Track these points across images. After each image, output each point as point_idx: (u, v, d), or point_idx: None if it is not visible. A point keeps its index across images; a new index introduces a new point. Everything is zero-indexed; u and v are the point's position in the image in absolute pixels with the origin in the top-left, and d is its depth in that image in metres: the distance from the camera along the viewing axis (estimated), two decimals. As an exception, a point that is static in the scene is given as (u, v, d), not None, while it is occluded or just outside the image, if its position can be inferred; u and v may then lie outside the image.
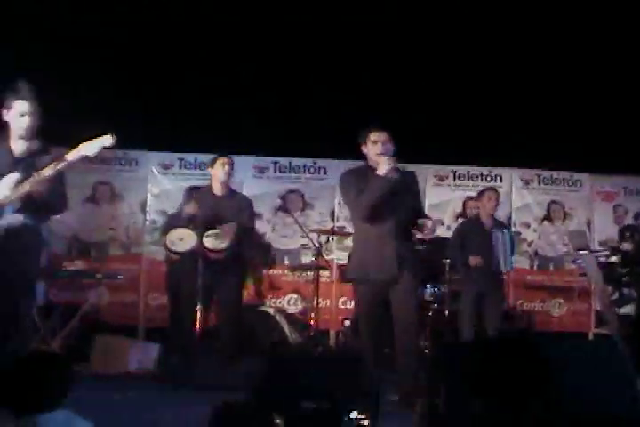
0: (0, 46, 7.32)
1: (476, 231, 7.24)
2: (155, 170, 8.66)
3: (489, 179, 9.14)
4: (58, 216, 8.10)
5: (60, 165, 4.68)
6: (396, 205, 5.22)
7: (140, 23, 7.90)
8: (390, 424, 4.13)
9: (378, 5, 7.85)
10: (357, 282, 5.41)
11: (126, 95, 8.10)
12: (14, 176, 4.74)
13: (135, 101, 8.15)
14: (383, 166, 5.11)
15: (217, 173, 6.59)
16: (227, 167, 6.55)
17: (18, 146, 4.89)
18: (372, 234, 5.26)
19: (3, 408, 2.84)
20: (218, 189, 6.62)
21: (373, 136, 5.28)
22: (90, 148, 4.75)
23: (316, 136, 8.27)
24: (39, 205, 4.85)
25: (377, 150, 5.23)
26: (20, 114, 4.82)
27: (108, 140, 4.78)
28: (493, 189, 7.51)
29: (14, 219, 4.76)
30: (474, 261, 7.06)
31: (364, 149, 5.37)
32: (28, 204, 4.79)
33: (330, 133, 8.22)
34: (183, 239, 6.26)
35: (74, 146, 4.76)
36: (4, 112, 4.89)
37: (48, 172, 4.67)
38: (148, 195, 8.60)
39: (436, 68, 8.35)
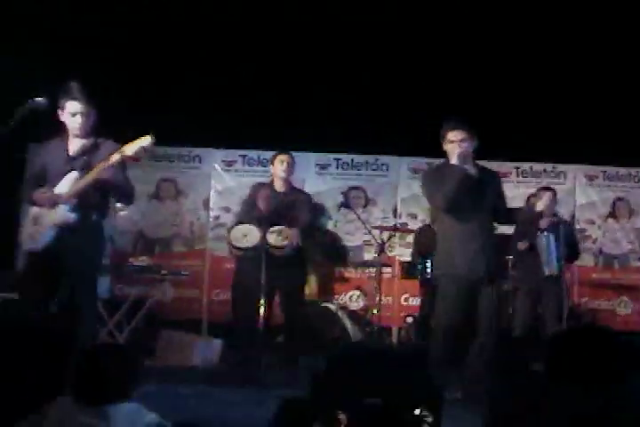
0: (58, 46, 7.47)
1: (527, 218, 7.16)
2: (218, 167, 8.74)
3: (552, 175, 9.03)
4: (124, 212, 8.40)
5: (105, 166, 4.77)
6: (478, 204, 5.22)
7: (207, 17, 7.96)
8: (453, 423, 4.11)
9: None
10: (443, 278, 5.37)
11: (190, 92, 8.19)
12: (73, 175, 4.87)
13: (199, 99, 8.23)
14: (454, 154, 5.15)
15: (276, 171, 6.68)
16: (285, 164, 6.62)
17: (73, 145, 5.01)
18: (458, 231, 5.25)
19: (73, 399, 2.91)
20: (279, 186, 6.69)
21: (450, 135, 5.27)
22: (130, 148, 4.82)
23: (378, 133, 8.26)
24: (105, 196, 5.02)
25: (455, 150, 5.22)
26: (71, 114, 4.93)
27: (147, 140, 4.83)
28: (550, 190, 7.38)
29: (68, 217, 4.85)
30: (522, 245, 7.01)
31: (445, 147, 5.36)
32: (87, 200, 4.89)
33: (392, 130, 8.21)
34: (247, 236, 6.30)
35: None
36: (60, 112, 4.99)
37: (100, 168, 4.78)
38: (212, 191, 8.68)
39: (504, 63, 8.26)
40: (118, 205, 8.25)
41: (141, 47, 7.99)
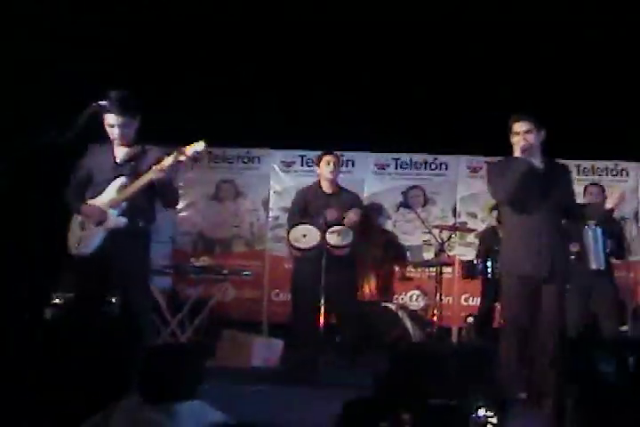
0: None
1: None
2: (277, 167, 8.78)
3: (614, 173, 8.88)
4: (184, 213, 8.49)
5: (163, 167, 4.80)
6: (544, 199, 5.09)
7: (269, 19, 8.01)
8: (518, 423, 4.07)
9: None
10: (507, 278, 5.26)
11: (249, 93, 8.24)
12: (120, 181, 4.93)
13: (257, 100, 8.27)
14: (518, 147, 5.05)
15: (323, 172, 6.62)
16: (331, 165, 6.57)
17: (119, 152, 5.05)
18: (522, 229, 5.14)
19: (140, 397, 2.95)
20: (326, 187, 6.65)
21: (515, 127, 5.15)
22: (184, 153, 4.83)
23: (436, 132, 8.22)
24: (151, 200, 5.05)
25: (520, 142, 5.09)
26: (109, 125, 4.95)
27: (200, 145, 4.86)
28: (596, 185, 7.26)
29: (118, 222, 4.91)
30: (573, 248, 6.89)
31: (511, 139, 5.22)
32: (135, 205, 4.95)
33: (450, 129, 8.16)
34: (306, 236, 6.32)
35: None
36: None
37: (150, 174, 4.82)
38: (271, 192, 8.72)
39: (565, 59, 8.16)
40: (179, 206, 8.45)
41: (190, 48, 8.05)
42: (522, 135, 5.08)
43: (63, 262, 5.63)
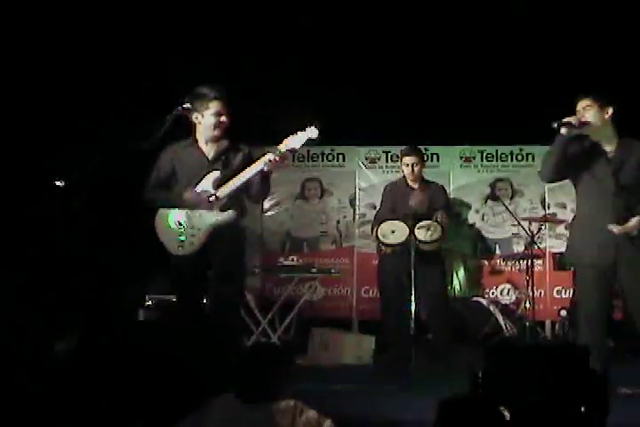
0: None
1: None
2: (362, 164, 8.75)
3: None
4: (270, 213, 8.54)
5: (273, 158, 4.76)
6: (613, 183, 4.88)
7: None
8: (622, 420, 3.97)
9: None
10: (574, 267, 5.19)
11: (331, 90, 8.23)
12: (215, 175, 4.90)
13: (339, 96, 8.25)
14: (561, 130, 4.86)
15: (405, 172, 6.75)
16: (410, 167, 6.68)
17: (208, 148, 5.01)
18: (587, 215, 4.99)
19: (236, 395, 2.97)
20: (412, 183, 6.73)
21: (577, 105, 5.00)
22: (295, 141, 4.82)
23: (520, 122, 8.07)
24: (250, 195, 5.03)
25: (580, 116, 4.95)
26: (214, 114, 4.92)
27: (313, 131, 4.83)
28: None
29: (227, 217, 4.89)
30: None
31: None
32: (232, 201, 4.94)
33: (534, 119, 8.00)
34: (395, 231, 6.29)
35: (279, 141, 4.86)
36: (194, 115, 4.97)
37: (260, 165, 4.79)
38: (357, 189, 8.70)
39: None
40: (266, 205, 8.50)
41: (270, 44, 8.08)
42: (581, 112, 4.94)
43: (157, 263, 5.64)
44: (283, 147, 4.81)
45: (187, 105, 4.86)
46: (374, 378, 5.99)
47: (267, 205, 8.61)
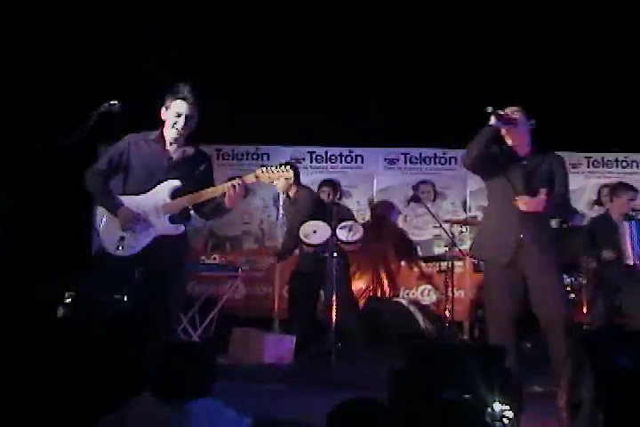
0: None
1: (606, 227, 7.02)
2: (288, 165, 8.75)
3: (624, 165, 8.85)
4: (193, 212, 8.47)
5: (237, 187, 4.65)
6: (525, 188, 5.00)
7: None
8: (533, 417, 4.06)
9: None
10: (482, 265, 5.32)
11: (260, 89, 8.23)
12: (174, 184, 4.70)
13: (266, 97, 8.26)
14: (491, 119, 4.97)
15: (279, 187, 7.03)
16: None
17: (172, 149, 4.78)
18: (495, 214, 5.14)
19: (153, 395, 2.94)
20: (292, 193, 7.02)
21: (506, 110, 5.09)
22: (268, 177, 4.75)
23: (445, 126, 8.19)
24: (202, 213, 4.89)
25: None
26: (176, 114, 4.69)
27: (289, 175, 4.77)
28: (630, 189, 7.21)
29: (173, 229, 4.71)
30: (606, 254, 6.84)
31: None
32: (186, 211, 4.81)
33: (459, 123, 8.12)
34: (316, 232, 6.32)
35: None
36: (163, 111, 4.77)
37: (222, 190, 4.66)
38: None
39: (575, 51, 8.13)
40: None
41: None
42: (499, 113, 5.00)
43: (82, 260, 5.52)
44: (252, 178, 4.73)
45: (114, 102, 4.69)
46: (294, 377, 5.99)
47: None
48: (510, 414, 3.64)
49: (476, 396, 3.61)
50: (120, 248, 4.69)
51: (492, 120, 4.96)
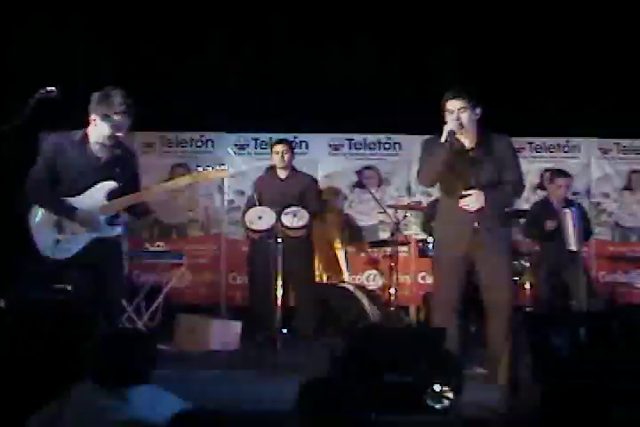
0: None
1: (547, 211, 7.17)
2: (230, 151, 8.69)
3: (566, 149, 8.97)
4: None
5: (173, 187, 4.77)
6: (473, 178, 5.02)
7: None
8: (475, 397, 4.12)
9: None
10: (435, 255, 5.33)
11: (202, 76, 8.18)
12: (110, 186, 4.65)
13: (210, 82, 8.22)
14: (445, 130, 4.95)
15: (274, 161, 6.98)
16: (280, 155, 6.89)
17: (99, 149, 4.69)
18: (449, 207, 5.15)
19: (93, 383, 2.93)
20: (281, 173, 6.96)
21: (448, 105, 5.04)
22: (205, 177, 4.84)
23: (390, 111, 8.22)
24: (135, 212, 4.86)
25: (447, 118, 5.02)
26: (116, 113, 4.56)
27: (224, 173, 4.86)
28: (564, 176, 7.35)
29: (112, 231, 4.70)
30: (550, 225, 6.99)
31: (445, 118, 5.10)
32: (127, 212, 4.78)
33: (404, 108, 8.16)
34: (262, 217, 6.31)
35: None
36: (92, 115, 4.64)
37: (160, 189, 4.74)
38: (225, 175, 8.65)
39: (515, 34, 8.21)
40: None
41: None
42: (455, 114, 5.00)
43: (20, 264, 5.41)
44: (189, 179, 4.78)
45: (51, 88, 4.60)
46: (240, 363, 6.00)
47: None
48: (450, 394, 3.72)
49: (416, 378, 3.69)
50: (55, 252, 4.64)
51: (444, 138, 4.94)
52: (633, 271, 8.78)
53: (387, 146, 8.83)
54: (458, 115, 5.00)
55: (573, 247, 6.96)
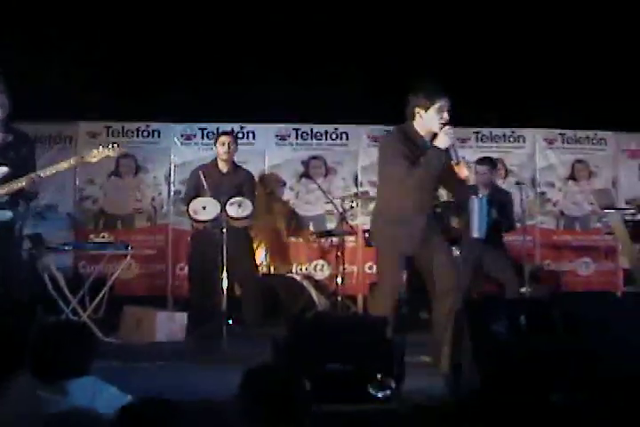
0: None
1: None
2: (177, 141, 8.66)
3: (512, 140, 9.07)
4: (83, 190, 8.31)
5: (61, 169, 4.75)
6: (442, 178, 5.07)
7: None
8: (419, 385, 4.15)
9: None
10: (381, 248, 5.25)
11: (145, 66, 8.12)
12: (2, 170, 4.72)
13: (154, 72, 8.16)
14: (446, 138, 4.86)
15: (219, 152, 6.91)
16: (226, 146, 6.83)
17: None
18: (411, 201, 5.03)
19: (32, 376, 2.90)
20: (222, 166, 6.91)
21: (440, 103, 4.91)
22: (93, 157, 4.93)
23: (336, 102, 8.23)
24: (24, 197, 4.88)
25: (442, 120, 4.91)
26: None
27: (114, 151, 5.01)
28: (486, 163, 7.39)
29: (2, 216, 4.75)
30: (457, 224, 7.08)
31: (420, 115, 4.96)
32: (15, 197, 4.80)
33: (350, 98, 8.18)
34: (206, 208, 6.28)
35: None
36: None
37: (48, 172, 4.71)
38: (172, 166, 8.60)
39: (457, 27, 8.26)
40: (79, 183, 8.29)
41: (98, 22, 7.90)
42: (447, 112, 4.92)
43: None
44: (79, 160, 4.89)
45: None
46: (185, 355, 5.97)
47: (79, 182, 8.40)
48: (392, 383, 3.74)
49: (358, 367, 3.70)
50: None
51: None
52: (577, 260, 8.92)
53: (333, 136, 8.84)
54: (443, 115, 4.93)
55: (475, 234, 7.03)
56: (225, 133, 6.95)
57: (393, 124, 5.56)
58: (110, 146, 5.01)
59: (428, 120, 4.96)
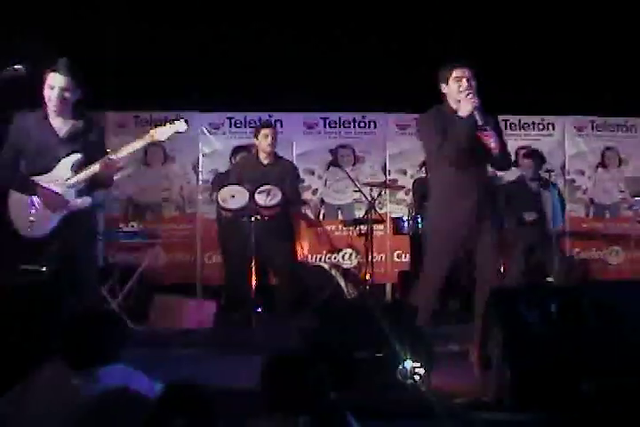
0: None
1: (522, 190, 7.22)
2: (205, 130, 8.68)
3: (541, 127, 9.02)
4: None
5: (133, 150, 4.67)
6: (479, 152, 4.84)
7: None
8: (448, 374, 4.14)
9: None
10: (433, 234, 5.11)
11: (174, 55, 8.12)
12: (75, 158, 4.62)
13: (184, 61, 8.17)
14: (466, 106, 4.71)
15: (261, 145, 6.71)
16: (270, 139, 6.67)
17: (59, 124, 4.67)
18: (453, 183, 4.91)
19: (64, 363, 2.92)
20: (263, 158, 6.75)
21: (457, 72, 4.84)
22: (162, 133, 4.78)
23: (364, 90, 8.20)
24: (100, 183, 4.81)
25: (461, 87, 4.79)
26: (50, 87, 4.56)
27: (182, 125, 4.82)
28: (535, 157, 7.37)
29: (82, 203, 4.67)
30: (528, 216, 7.04)
31: (445, 89, 4.92)
32: (92, 183, 4.72)
33: (378, 87, 8.15)
34: (235, 196, 6.28)
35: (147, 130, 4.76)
36: (45, 87, 4.62)
37: (120, 155, 4.63)
38: (200, 155, 8.62)
39: (488, 15, 8.20)
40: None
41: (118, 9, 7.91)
42: (465, 79, 4.82)
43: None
44: (148, 138, 4.72)
45: (18, 66, 4.56)
46: (215, 342, 6.00)
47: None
48: (421, 371, 3.73)
49: (387, 354, 3.69)
50: (30, 230, 4.63)
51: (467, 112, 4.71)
52: (607, 248, 8.85)
53: (362, 124, 8.82)
54: (470, 83, 4.83)
55: (552, 226, 7.02)
56: (267, 126, 6.80)
57: (421, 113, 5.54)
58: (173, 121, 4.86)
59: (451, 92, 4.91)
